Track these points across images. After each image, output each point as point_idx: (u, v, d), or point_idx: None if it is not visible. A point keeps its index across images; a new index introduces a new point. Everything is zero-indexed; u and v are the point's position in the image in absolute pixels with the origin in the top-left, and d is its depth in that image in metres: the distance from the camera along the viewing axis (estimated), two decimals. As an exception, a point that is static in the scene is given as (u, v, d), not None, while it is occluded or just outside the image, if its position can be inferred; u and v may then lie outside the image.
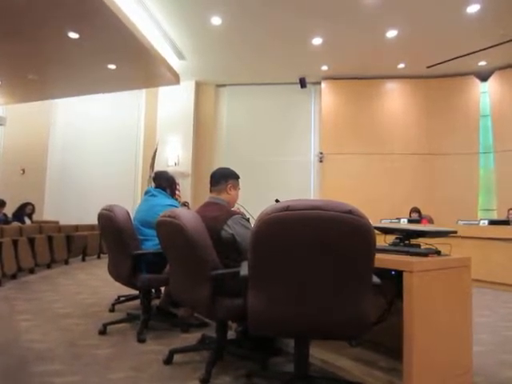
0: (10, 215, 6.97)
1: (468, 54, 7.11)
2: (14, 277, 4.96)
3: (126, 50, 6.23)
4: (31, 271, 5.45)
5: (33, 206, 7.32)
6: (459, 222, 5.79)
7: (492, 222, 5.42)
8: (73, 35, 5.64)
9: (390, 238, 2.12)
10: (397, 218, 6.17)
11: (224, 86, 9.60)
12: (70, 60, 6.56)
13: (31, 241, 5.52)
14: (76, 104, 9.69)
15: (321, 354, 2.16)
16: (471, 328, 1.95)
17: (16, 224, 6.41)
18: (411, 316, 1.65)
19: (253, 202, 2.65)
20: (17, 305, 3.58)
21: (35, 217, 7.56)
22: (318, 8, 5.96)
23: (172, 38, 7.04)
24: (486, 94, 8.32)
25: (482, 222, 5.51)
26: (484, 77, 8.29)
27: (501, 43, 6.52)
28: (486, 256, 4.88)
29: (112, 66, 6.82)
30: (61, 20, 5.26)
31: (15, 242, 5.06)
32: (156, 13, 6.19)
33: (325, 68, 8.42)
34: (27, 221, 7.04)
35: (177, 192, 7.29)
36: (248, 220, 2.22)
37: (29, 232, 5.89)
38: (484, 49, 6.82)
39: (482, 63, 7.86)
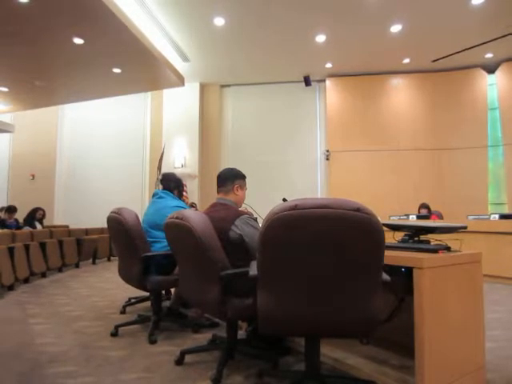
0: (21, 220, 7.06)
1: (474, 47, 7.04)
2: (26, 281, 5.03)
3: (131, 54, 6.26)
4: (43, 275, 5.52)
5: (43, 210, 7.40)
6: (469, 216, 5.73)
7: (503, 216, 5.34)
8: (77, 41, 5.68)
9: (399, 235, 2.10)
10: (406, 215, 6.14)
11: (228, 86, 9.62)
12: (76, 65, 6.62)
13: (42, 245, 5.59)
14: (82, 109, 9.78)
15: (332, 353, 2.15)
16: (483, 324, 1.94)
17: (27, 229, 6.49)
18: (422, 313, 1.64)
19: (260, 202, 2.66)
20: (29, 308, 3.62)
21: (45, 221, 7.65)
22: (320, 5, 5.94)
23: (175, 41, 7.07)
24: (493, 86, 8.22)
25: (492, 216, 5.45)
26: (491, 69, 8.18)
27: (506, 35, 6.44)
28: (497, 251, 4.82)
29: (117, 70, 6.87)
30: (65, 26, 5.30)
31: (27, 247, 5.14)
32: (159, 16, 6.22)
33: (329, 65, 8.39)
34: (38, 226, 7.12)
35: (184, 193, 7.32)
36: (256, 220, 2.22)
37: (40, 237, 5.96)
38: (489, 41, 6.74)
39: (489, 55, 7.76)
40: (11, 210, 7.02)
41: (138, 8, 5.83)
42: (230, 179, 2.33)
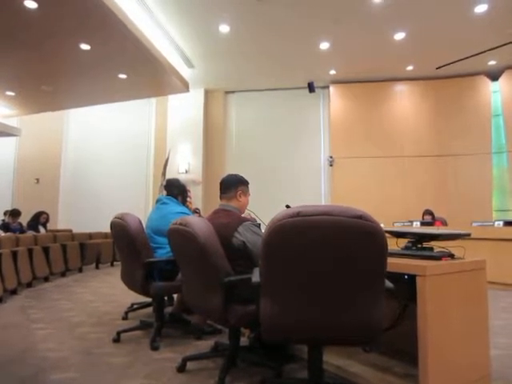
0: (24, 224, 7.08)
1: (477, 54, 7.03)
2: (29, 285, 5.04)
3: (137, 60, 6.32)
4: (46, 279, 5.53)
5: (47, 214, 7.43)
6: (473, 223, 5.70)
7: (507, 223, 5.31)
8: (84, 46, 5.74)
9: (403, 242, 2.09)
10: (409, 221, 6.11)
11: (233, 92, 9.66)
12: (82, 71, 6.68)
13: (46, 249, 5.61)
14: (88, 115, 9.86)
15: (335, 360, 2.14)
16: (488, 331, 1.92)
17: (31, 233, 6.51)
18: (425, 320, 1.63)
19: (263, 208, 2.66)
20: (32, 313, 3.63)
21: (49, 226, 7.68)
22: (324, 12, 5.97)
23: (181, 47, 7.13)
24: (497, 93, 8.21)
25: (496, 223, 5.42)
26: (495, 76, 8.18)
27: (509, 42, 6.44)
28: (501, 258, 4.77)
29: (123, 76, 6.92)
30: (72, 32, 5.37)
31: (30, 251, 5.16)
32: (165, 22, 6.28)
33: (333, 72, 8.41)
34: (42, 230, 7.14)
35: (188, 199, 7.32)
36: (259, 226, 2.22)
37: (43, 241, 5.98)
38: (493, 48, 6.73)
39: (492, 62, 7.76)
40: (15, 213, 7.05)
41: (143, 15, 5.89)
42: (233, 185, 2.33)
